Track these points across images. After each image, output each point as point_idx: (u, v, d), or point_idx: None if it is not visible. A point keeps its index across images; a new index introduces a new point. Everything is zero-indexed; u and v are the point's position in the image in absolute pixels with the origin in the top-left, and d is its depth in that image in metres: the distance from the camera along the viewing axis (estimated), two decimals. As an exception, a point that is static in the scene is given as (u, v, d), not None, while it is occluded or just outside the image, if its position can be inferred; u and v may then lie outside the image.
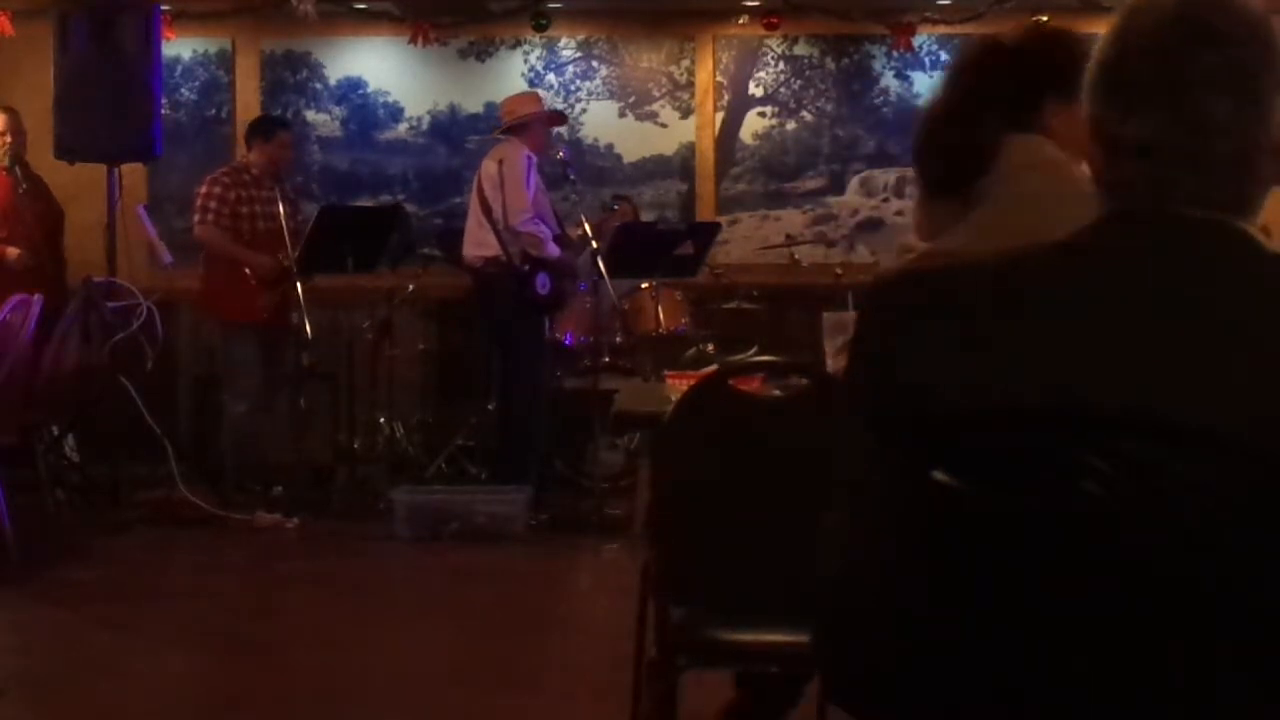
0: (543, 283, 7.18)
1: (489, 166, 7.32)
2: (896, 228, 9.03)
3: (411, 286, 8.10)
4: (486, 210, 7.24)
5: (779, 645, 2.91)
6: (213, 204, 7.48)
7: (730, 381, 3.03)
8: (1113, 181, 1.52)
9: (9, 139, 7.54)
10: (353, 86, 9.02)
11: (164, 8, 8.00)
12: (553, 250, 7.26)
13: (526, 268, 7.16)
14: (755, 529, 2.91)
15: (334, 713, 4.46)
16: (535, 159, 7.38)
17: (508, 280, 7.20)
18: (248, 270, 7.41)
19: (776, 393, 2.95)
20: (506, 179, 7.19)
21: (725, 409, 2.94)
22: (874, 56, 9.02)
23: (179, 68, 8.91)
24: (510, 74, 9.00)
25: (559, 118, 7.98)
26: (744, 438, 2.95)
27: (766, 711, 3.42)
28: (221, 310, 7.55)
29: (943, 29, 8.82)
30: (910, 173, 9.96)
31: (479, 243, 7.38)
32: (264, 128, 7.82)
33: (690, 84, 9.03)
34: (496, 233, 7.21)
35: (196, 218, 7.54)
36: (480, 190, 7.33)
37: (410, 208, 8.69)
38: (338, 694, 4.59)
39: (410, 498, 6.89)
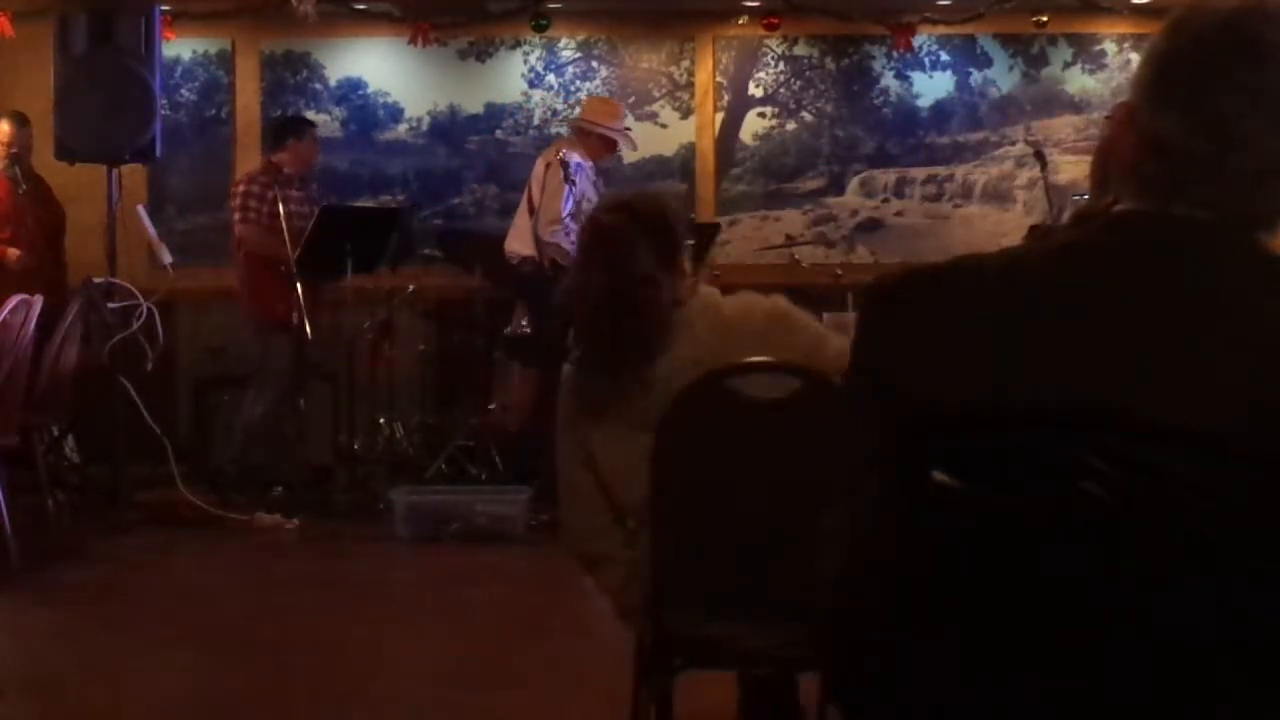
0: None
1: (539, 167, 7.45)
2: (896, 229, 9.04)
3: (412, 287, 8.11)
4: (532, 209, 7.33)
5: (775, 646, 2.91)
6: (253, 202, 7.49)
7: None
8: (1134, 173, 1.52)
9: (14, 149, 7.54)
10: (353, 87, 9.02)
11: (164, 8, 8.00)
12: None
13: (552, 274, 7.22)
14: (752, 529, 2.91)
15: (334, 713, 4.46)
16: (586, 166, 7.40)
17: (540, 281, 7.28)
18: (286, 270, 7.38)
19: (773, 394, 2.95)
20: (547, 186, 7.29)
21: (722, 409, 2.94)
22: (874, 57, 9.03)
23: (179, 68, 8.91)
24: (510, 75, 9.00)
25: (614, 143, 7.75)
26: (741, 438, 2.95)
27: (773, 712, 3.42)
28: (262, 310, 7.52)
29: (943, 29, 8.82)
30: (911, 173, 9.91)
31: (520, 239, 7.48)
32: (296, 127, 7.86)
33: (690, 84, 9.03)
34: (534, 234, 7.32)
35: (238, 216, 7.55)
36: (530, 188, 7.43)
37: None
38: (337, 694, 4.59)
39: (410, 498, 6.89)
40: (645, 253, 3.10)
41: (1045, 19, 8.76)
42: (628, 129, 7.81)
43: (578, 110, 8.71)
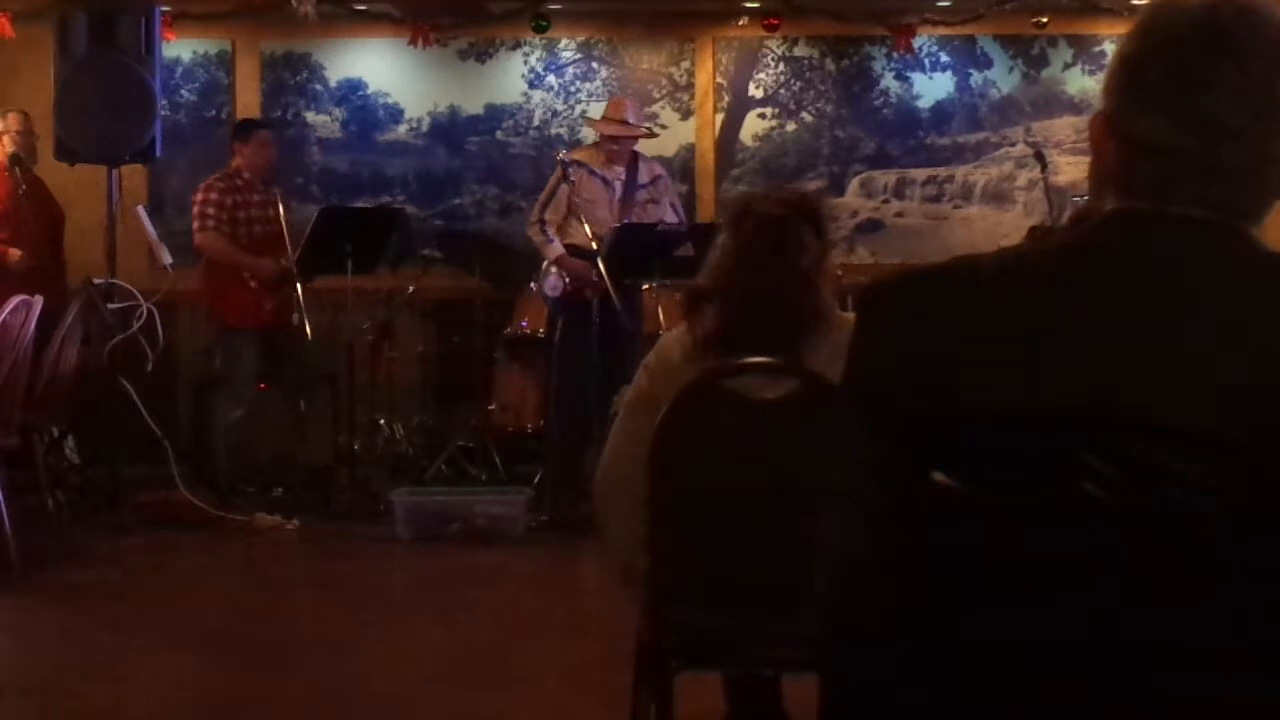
0: (552, 285, 7.32)
1: None
2: (896, 229, 9.04)
3: (411, 288, 8.11)
4: None
5: (776, 647, 2.92)
6: (211, 210, 7.52)
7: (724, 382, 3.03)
8: (1122, 179, 1.53)
9: (21, 137, 7.55)
10: (353, 88, 9.02)
11: (164, 9, 8.00)
12: (550, 253, 7.32)
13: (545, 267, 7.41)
14: (753, 531, 2.91)
15: (334, 713, 4.46)
16: (592, 166, 7.42)
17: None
18: (248, 275, 7.46)
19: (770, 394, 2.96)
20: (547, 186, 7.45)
21: (721, 410, 2.94)
22: (874, 58, 9.03)
23: (179, 69, 8.92)
24: (510, 75, 9.00)
25: (618, 139, 7.62)
26: (739, 438, 2.96)
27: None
28: (223, 315, 7.58)
29: (943, 30, 8.82)
30: (911, 174, 9.91)
31: None
32: (242, 130, 7.86)
33: (690, 85, 9.04)
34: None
35: (196, 225, 7.58)
36: None
37: (410, 209, 8.70)
38: (337, 695, 4.59)
39: (410, 499, 6.89)
40: (809, 249, 3.10)
41: (1045, 20, 8.76)
42: (626, 122, 7.72)
43: (577, 111, 8.77)
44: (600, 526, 3.29)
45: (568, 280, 7.27)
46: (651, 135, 7.91)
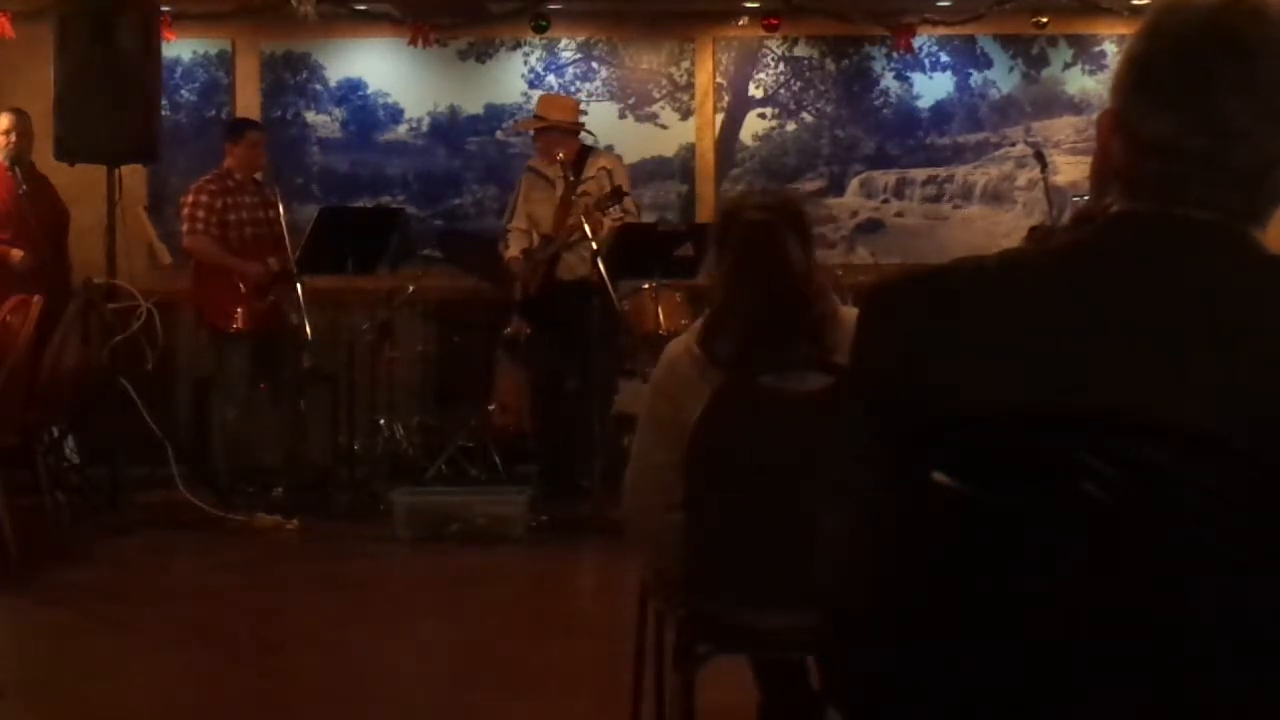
0: (515, 290, 7.47)
1: None
2: (896, 229, 9.04)
3: (411, 288, 8.11)
4: None
5: (801, 632, 2.94)
6: (200, 213, 7.51)
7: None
8: (1128, 178, 1.52)
9: (14, 139, 7.56)
10: (353, 88, 9.02)
11: (164, 9, 8.00)
12: (505, 257, 7.51)
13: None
14: (784, 519, 2.94)
15: (334, 713, 4.47)
16: (538, 166, 7.46)
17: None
18: (238, 279, 7.45)
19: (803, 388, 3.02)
20: None
21: (756, 404, 2.99)
22: (874, 58, 9.03)
23: (179, 69, 8.92)
24: (510, 75, 9.00)
25: (541, 132, 7.66)
26: (775, 431, 2.99)
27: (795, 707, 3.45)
28: (213, 319, 7.58)
29: (942, 30, 8.82)
30: (911, 174, 9.89)
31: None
32: (234, 130, 7.86)
33: (690, 85, 9.04)
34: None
35: (185, 228, 7.58)
36: None
37: (410, 209, 8.71)
38: (337, 695, 4.59)
39: (410, 499, 6.89)
40: (795, 248, 3.14)
41: (1045, 20, 8.76)
42: (541, 118, 7.65)
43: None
44: (632, 539, 3.32)
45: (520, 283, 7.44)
46: (582, 128, 7.70)
